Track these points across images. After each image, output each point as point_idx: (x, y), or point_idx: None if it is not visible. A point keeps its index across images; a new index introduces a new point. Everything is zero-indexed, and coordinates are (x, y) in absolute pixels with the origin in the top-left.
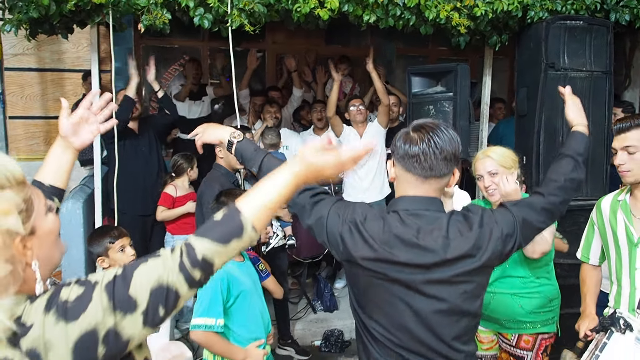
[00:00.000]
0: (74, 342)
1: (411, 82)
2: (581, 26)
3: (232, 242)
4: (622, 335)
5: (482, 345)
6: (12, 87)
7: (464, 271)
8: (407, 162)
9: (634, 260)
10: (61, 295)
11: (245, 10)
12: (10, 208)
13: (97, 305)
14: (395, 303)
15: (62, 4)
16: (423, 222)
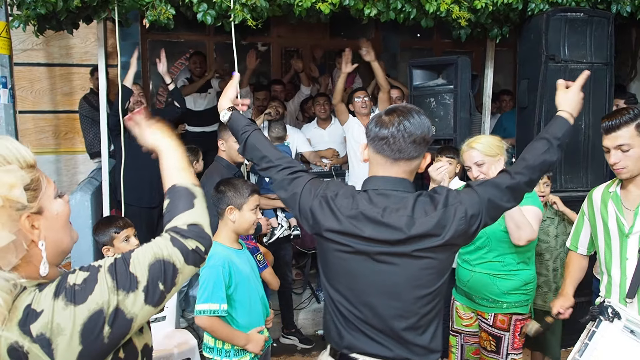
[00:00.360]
0: (82, 324)
1: (412, 74)
2: (582, 18)
3: (194, 202)
4: (610, 324)
5: (462, 321)
6: (22, 82)
7: (426, 247)
8: (377, 144)
9: (625, 251)
10: (68, 280)
11: (247, 5)
12: (16, 182)
13: (103, 286)
14: (358, 275)
15: (69, 0)
16: (390, 202)
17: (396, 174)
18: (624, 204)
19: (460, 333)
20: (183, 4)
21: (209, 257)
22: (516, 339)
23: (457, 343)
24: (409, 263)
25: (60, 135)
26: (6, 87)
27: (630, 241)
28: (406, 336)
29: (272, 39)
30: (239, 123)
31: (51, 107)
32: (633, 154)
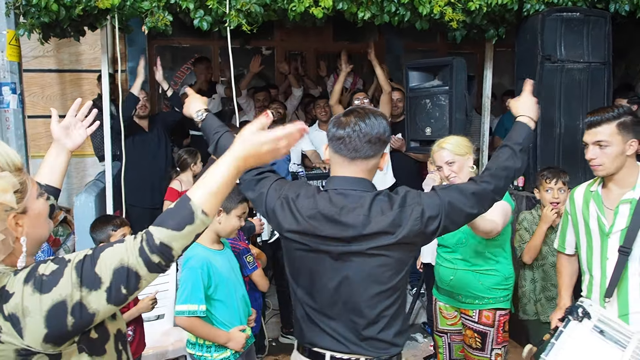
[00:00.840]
0: (47, 310)
1: (408, 76)
2: (578, 17)
3: (185, 227)
4: (579, 324)
5: (446, 321)
6: (34, 87)
7: (380, 245)
8: (335, 144)
9: (606, 250)
10: (39, 269)
11: (242, 10)
12: (7, 187)
13: (67, 281)
14: (318, 273)
15: (70, 9)
16: (348, 201)
17: (354, 173)
18: (604, 203)
19: (446, 333)
20: (181, 11)
21: (189, 258)
22: (500, 334)
23: (443, 343)
24: (365, 261)
25: None
26: (15, 93)
27: (611, 240)
28: (366, 332)
29: (275, 42)
30: (212, 124)
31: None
32: (610, 151)
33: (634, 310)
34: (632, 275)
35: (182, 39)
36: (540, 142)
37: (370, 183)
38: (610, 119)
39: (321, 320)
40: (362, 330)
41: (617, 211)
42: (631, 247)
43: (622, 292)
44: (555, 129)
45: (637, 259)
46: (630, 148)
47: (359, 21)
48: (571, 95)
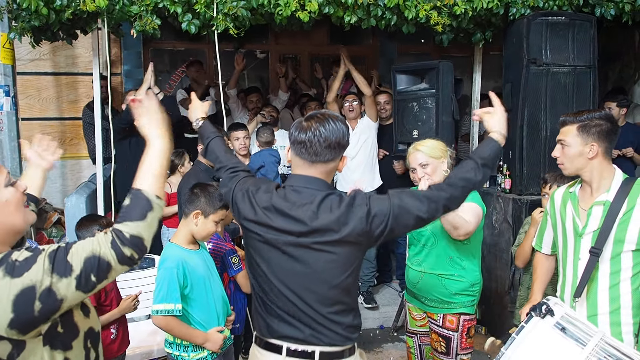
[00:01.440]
0: (15, 295)
1: (396, 79)
2: (563, 22)
3: (148, 215)
4: (541, 320)
5: (415, 322)
6: (30, 90)
7: (324, 241)
8: (296, 148)
9: (578, 251)
10: (12, 256)
11: (229, 14)
12: None
13: (39, 267)
14: (270, 264)
15: (60, 13)
16: (301, 197)
17: (313, 174)
18: (580, 204)
19: (416, 334)
20: (169, 15)
21: (165, 258)
22: (464, 339)
23: (414, 344)
24: (311, 255)
25: (65, 141)
26: (9, 95)
27: (584, 241)
28: (317, 324)
29: (270, 46)
30: (207, 130)
31: (57, 114)
32: (568, 152)
33: (602, 311)
34: (602, 276)
35: (177, 43)
36: (527, 144)
37: (326, 183)
38: (574, 121)
39: (275, 311)
40: (312, 322)
41: (590, 212)
42: (602, 248)
43: (592, 293)
44: (541, 131)
45: (607, 260)
46: (591, 151)
47: (346, 25)
48: (557, 99)
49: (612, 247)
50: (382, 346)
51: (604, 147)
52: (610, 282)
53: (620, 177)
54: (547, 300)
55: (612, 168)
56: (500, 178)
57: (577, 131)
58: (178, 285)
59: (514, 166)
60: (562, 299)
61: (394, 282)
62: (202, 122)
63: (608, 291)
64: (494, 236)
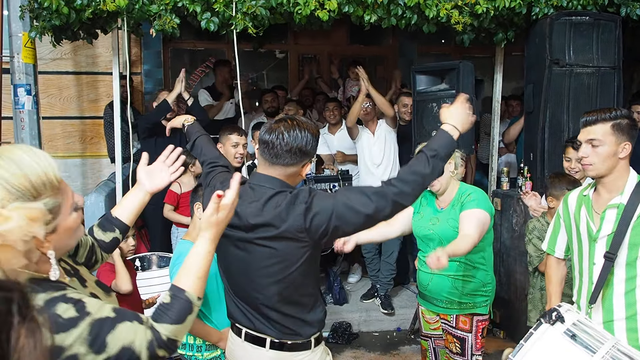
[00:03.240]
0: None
1: (416, 80)
2: (587, 21)
3: (187, 318)
4: (550, 327)
5: (429, 326)
6: (52, 89)
7: (265, 236)
8: (261, 147)
9: (593, 255)
10: (57, 309)
11: (248, 13)
12: (39, 216)
13: (78, 334)
14: (227, 257)
15: (80, 12)
16: (253, 194)
17: (272, 174)
18: (594, 207)
19: (430, 337)
20: (188, 14)
21: (179, 255)
22: (478, 340)
23: (429, 347)
24: (255, 249)
25: (86, 140)
26: (30, 94)
27: (598, 245)
28: (269, 315)
29: (289, 46)
30: (195, 129)
31: (78, 113)
32: (602, 151)
33: (618, 317)
34: (617, 282)
35: (196, 42)
36: (548, 147)
37: (283, 183)
38: (606, 119)
39: (234, 299)
40: (265, 313)
41: (604, 216)
42: (616, 253)
43: (607, 298)
44: (563, 133)
45: (622, 266)
46: (624, 151)
47: (366, 24)
48: (580, 100)
49: (627, 251)
50: (399, 348)
51: (633, 146)
52: (626, 287)
53: (634, 178)
54: (559, 306)
55: (629, 169)
56: (521, 180)
57: (611, 129)
58: None
59: (535, 168)
60: (579, 305)
61: (411, 284)
62: (191, 122)
63: (624, 297)
64: (514, 239)
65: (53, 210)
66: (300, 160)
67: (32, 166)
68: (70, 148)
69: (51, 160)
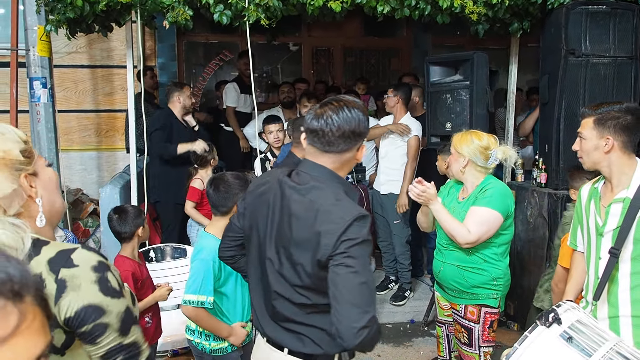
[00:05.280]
0: (84, 305)
1: (429, 71)
2: (604, 10)
3: None
4: (546, 329)
5: (443, 312)
6: (67, 82)
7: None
8: (309, 136)
9: (599, 250)
10: (109, 275)
11: (261, 5)
12: (13, 145)
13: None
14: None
15: (94, 5)
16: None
17: (323, 163)
18: (601, 201)
19: (444, 323)
20: (201, 6)
21: (201, 248)
22: (486, 331)
23: (442, 334)
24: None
25: (101, 133)
26: (46, 87)
27: (604, 240)
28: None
29: (303, 38)
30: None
31: (93, 106)
32: (585, 145)
33: (624, 313)
34: (622, 277)
35: (210, 35)
36: (564, 138)
37: (333, 174)
38: (592, 114)
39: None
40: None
41: (609, 210)
42: (621, 248)
43: (612, 293)
44: (579, 124)
45: (627, 261)
46: (606, 145)
47: (379, 15)
48: (596, 91)
49: (632, 246)
50: (412, 340)
51: (621, 141)
52: (631, 283)
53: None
54: (559, 306)
55: (634, 163)
56: (536, 172)
57: (593, 124)
58: (213, 278)
59: (550, 160)
60: (586, 299)
61: (425, 276)
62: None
63: (629, 292)
64: (529, 231)
65: (27, 149)
66: (355, 144)
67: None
68: (85, 141)
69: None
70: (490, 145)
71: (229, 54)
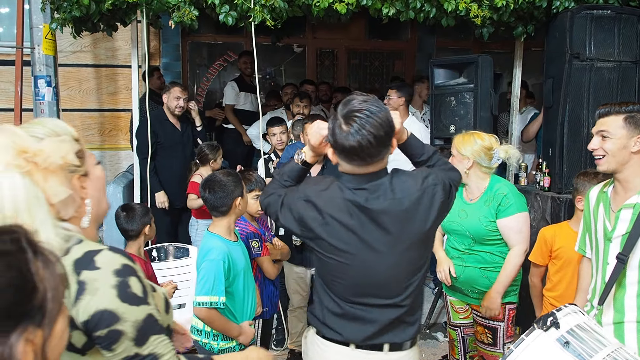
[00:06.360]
0: (91, 314)
1: (434, 73)
2: (609, 15)
3: None
4: (543, 333)
5: (459, 315)
6: (71, 82)
7: None
8: (346, 157)
9: (607, 255)
10: (131, 280)
11: (267, 6)
12: (70, 149)
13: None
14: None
15: (100, 4)
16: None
17: (371, 171)
18: (611, 206)
19: (459, 326)
20: (207, 6)
21: (209, 249)
22: (509, 327)
23: (457, 336)
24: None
25: (105, 132)
26: (50, 86)
27: (612, 245)
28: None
29: (307, 40)
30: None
31: (97, 105)
32: (611, 144)
33: (630, 319)
34: (630, 283)
35: (215, 36)
36: (567, 142)
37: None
38: (620, 112)
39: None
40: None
41: (619, 215)
42: (629, 254)
43: (619, 299)
44: (582, 128)
45: (635, 268)
46: (636, 145)
47: (384, 17)
48: (600, 95)
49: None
50: None
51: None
52: (638, 289)
53: None
54: (559, 310)
55: None
56: (539, 176)
57: (623, 122)
58: (223, 278)
59: (554, 164)
60: (592, 303)
61: (427, 279)
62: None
63: (636, 299)
64: (532, 235)
65: (79, 153)
66: (390, 143)
67: (52, 121)
68: (89, 140)
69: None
70: (492, 144)
71: (234, 54)
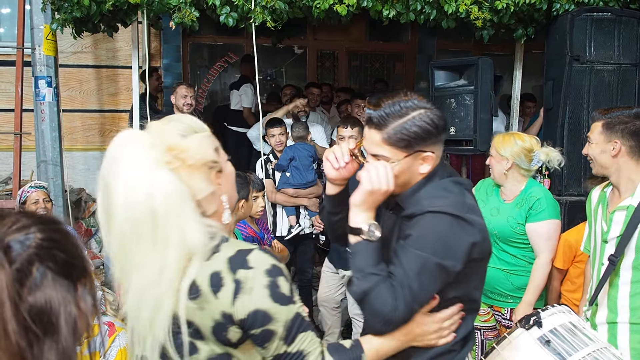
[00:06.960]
0: (246, 315)
1: (434, 75)
2: (609, 18)
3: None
4: (525, 332)
5: (479, 318)
6: (72, 82)
7: None
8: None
9: (602, 256)
10: (281, 281)
11: (267, 7)
12: (211, 145)
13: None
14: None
15: (101, 4)
16: None
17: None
18: (608, 207)
19: (480, 329)
20: (207, 7)
21: None
22: None
23: (476, 340)
24: None
25: (105, 133)
26: (51, 86)
27: (608, 246)
28: None
29: (308, 41)
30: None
31: (97, 106)
32: (592, 150)
33: (622, 319)
34: (622, 283)
35: (215, 37)
36: (567, 144)
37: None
38: (601, 118)
39: None
40: None
41: (612, 217)
42: (619, 256)
43: (612, 300)
44: (582, 131)
45: (628, 269)
46: (614, 149)
47: (385, 19)
48: (600, 97)
49: (634, 254)
50: None
51: (629, 145)
52: (631, 290)
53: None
54: (545, 309)
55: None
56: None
57: (601, 128)
58: None
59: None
60: (587, 303)
61: None
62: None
63: (629, 299)
64: None
65: (216, 149)
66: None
67: (187, 118)
68: (89, 141)
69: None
70: (533, 146)
71: (234, 56)
